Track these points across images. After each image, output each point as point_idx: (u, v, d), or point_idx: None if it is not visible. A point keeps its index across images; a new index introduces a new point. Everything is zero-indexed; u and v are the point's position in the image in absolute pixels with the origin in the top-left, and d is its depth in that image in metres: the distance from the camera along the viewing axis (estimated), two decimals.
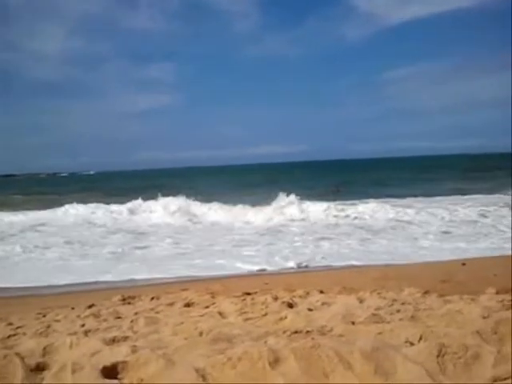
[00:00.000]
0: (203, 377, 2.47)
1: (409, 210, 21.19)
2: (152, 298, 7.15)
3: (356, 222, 19.80)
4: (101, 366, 2.65)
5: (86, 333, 4.29)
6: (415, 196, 28.70)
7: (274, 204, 23.36)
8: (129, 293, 7.80)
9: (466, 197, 27.16)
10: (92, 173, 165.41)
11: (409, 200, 27.15)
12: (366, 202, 24.43)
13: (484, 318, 3.68)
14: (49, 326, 5.05)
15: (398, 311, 4.47)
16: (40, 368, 2.87)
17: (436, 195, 28.62)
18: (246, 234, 17.49)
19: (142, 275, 11.22)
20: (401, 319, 3.97)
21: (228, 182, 49.28)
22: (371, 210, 21.59)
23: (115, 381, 2.50)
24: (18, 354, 2.86)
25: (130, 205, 25.86)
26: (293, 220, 21.05)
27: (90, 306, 6.65)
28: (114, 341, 3.68)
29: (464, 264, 9.47)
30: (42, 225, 21.67)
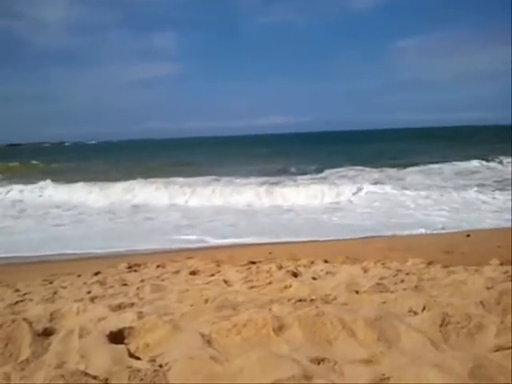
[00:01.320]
0: (208, 342, 2.50)
1: None
2: (158, 266, 7.19)
3: None
4: (107, 332, 2.69)
5: (92, 299, 4.33)
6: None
7: None
8: (135, 261, 7.85)
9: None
10: (94, 142, 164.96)
11: None
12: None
13: (488, 288, 3.69)
14: (55, 293, 5.10)
15: (402, 281, 4.49)
16: (47, 333, 2.91)
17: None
18: None
19: None
20: (405, 289, 3.99)
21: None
22: None
23: (122, 346, 2.53)
24: (25, 319, 2.89)
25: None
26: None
27: (96, 274, 6.70)
28: (120, 307, 3.72)
29: (468, 235, 9.47)
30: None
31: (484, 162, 28.35)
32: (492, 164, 28.00)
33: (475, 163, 27.87)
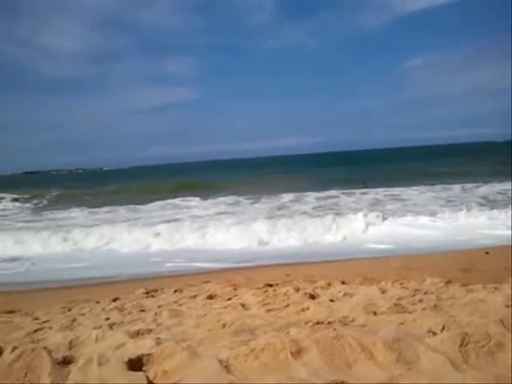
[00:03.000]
0: (227, 368, 2.49)
1: None
2: (175, 291, 7.20)
3: None
4: (126, 359, 2.69)
5: (110, 326, 4.34)
6: None
7: None
8: (151, 285, 7.87)
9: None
10: (106, 169, 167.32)
11: None
12: None
13: (507, 306, 3.66)
14: (74, 320, 5.12)
15: (421, 301, 4.45)
16: (67, 361, 2.91)
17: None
18: None
19: None
20: (423, 309, 3.96)
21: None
22: None
23: (140, 373, 2.54)
24: (45, 348, 2.91)
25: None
26: None
27: (114, 300, 6.72)
28: (138, 333, 3.73)
29: (487, 252, 9.38)
30: None
31: None
32: None
33: None
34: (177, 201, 28.27)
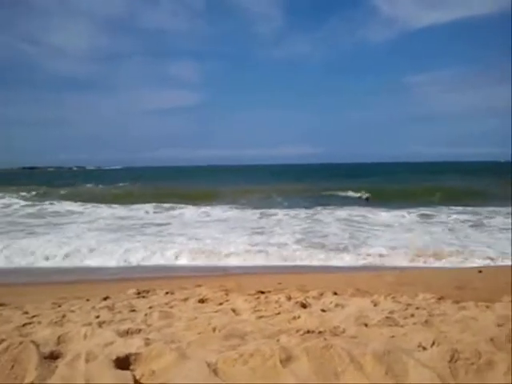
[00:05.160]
0: (214, 371, 2.48)
1: None
2: (167, 293, 7.18)
3: None
4: (114, 357, 2.68)
5: (100, 324, 4.32)
6: None
7: None
8: (143, 286, 7.84)
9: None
10: (118, 167, 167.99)
11: None
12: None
13: (499, 325, 3.65)
14: (64, 316, 5.09)
15: (412, 315, 4.44)
16: (54, 356, 2.90)
17: None
18: None
19: None
20: (414, 323, 3.95)
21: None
22: None
23: (127, 372, 2.52)
24: (33, 342, 2.89)
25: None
26: None
27: (105, 298, 6.70)
28: (127, 333, 3.71)
29: (480, 271, 9.39)
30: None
31: None
32: None
33: None
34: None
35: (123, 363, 2.66)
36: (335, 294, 6.53)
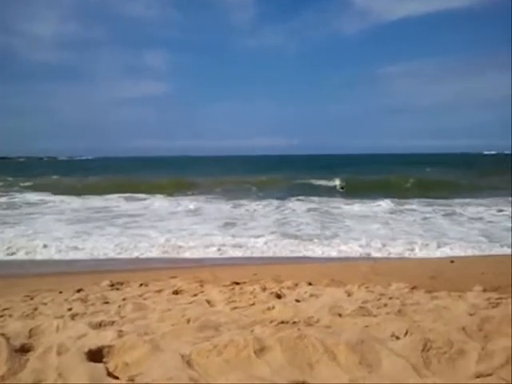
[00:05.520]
0: (188, 363, 2.47)
1: None
2: (140, 285, 7.13)
3: None
4: (86, 350, 2.65)
5: (72, 316, 4.29)
6: None
7: None
8: (117, 278, 7.78)
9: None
10: (90, 157, 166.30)
11: None
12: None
13: (470, 314, 3.69)
14: (36, 309, 5.04)
15: (385, 305, 4.48)
16: (25, 349, 2.87)
17: None
18: None
19: None
20: (388, 313, 3.98)
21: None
22: None
23: (100, 364, 2.50)
24: (2, 335, 2.85)
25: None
26: None
27: (78, 291, 6.63)
28: (100, 325, 3.68)
29: (453, 261, 9.49)
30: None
31: None
32: None
33: None
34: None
35: (96, 356, 2.64)
36: (310, 284, 6.55)
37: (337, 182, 33.87)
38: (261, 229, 16.00)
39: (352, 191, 29.85)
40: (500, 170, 39.96)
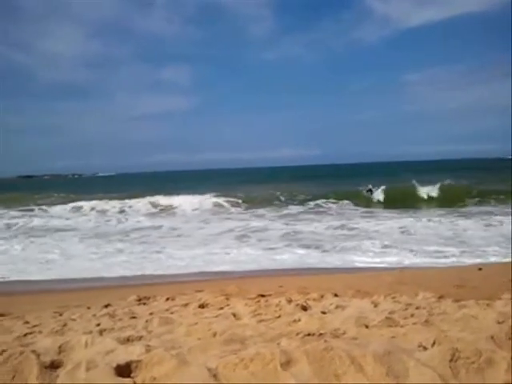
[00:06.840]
0: (215, 376, 2.48)
1: None
2: (167, 299, 7.17)
3: None
4: (115, 365, 2.68)
5: (101, 332, 4.33)
6: None
7: None
8: (143, 293, 7.84)
9: None
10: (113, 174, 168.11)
11: None
12: None
13: (499, 323, 3.65)
14: (65, 325, 5.10)
15: (412, 315, 4.44)
16: (55, 365, 2.90)
17: None
18: None
19: None
20: (414, 323, 3.95)
21: None
22: None
23: (128, 379, 2.53)
24: (33, 351, 2.89)
25: None
26: None
27: (105, 306, 6.70)
28: (128, 340, 3.71)
29: (480, 269, 9.38)
30: None
31: None
32: None
33: None
34: None
35: (124, 371, 2.66)
36: (336, 295, 6.53)
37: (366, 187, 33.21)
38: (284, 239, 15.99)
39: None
40: None
